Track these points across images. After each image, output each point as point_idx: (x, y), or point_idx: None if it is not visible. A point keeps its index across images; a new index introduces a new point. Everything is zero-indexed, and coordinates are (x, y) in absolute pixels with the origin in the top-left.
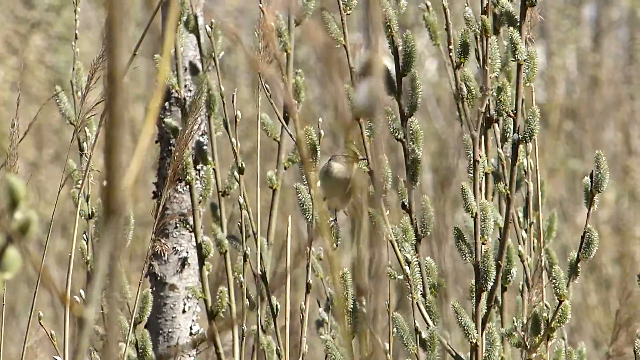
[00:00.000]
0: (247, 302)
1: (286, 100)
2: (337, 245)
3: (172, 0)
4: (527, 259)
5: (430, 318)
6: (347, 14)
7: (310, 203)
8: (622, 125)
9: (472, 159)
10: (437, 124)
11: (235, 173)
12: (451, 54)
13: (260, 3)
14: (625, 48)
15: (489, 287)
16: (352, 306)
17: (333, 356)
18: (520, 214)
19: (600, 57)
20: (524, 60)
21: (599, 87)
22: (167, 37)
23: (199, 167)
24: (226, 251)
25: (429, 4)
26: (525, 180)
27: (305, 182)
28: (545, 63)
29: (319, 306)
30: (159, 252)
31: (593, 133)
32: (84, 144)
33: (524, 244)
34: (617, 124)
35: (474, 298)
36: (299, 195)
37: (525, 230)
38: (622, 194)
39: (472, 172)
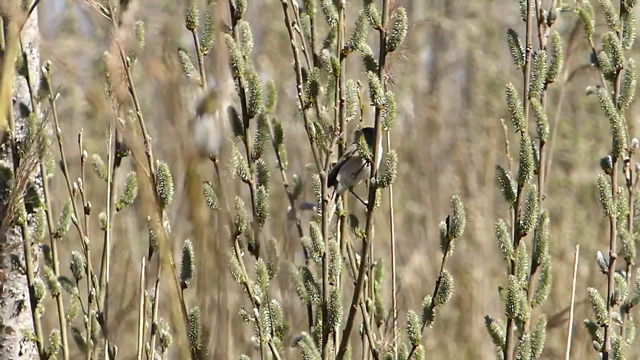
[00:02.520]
0: (79, 344)
1: (126, 139)
2: (184, 285)
3: (10, 40)
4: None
5: None
6: (204, 55)
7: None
8: (459, 168)
9: (320, 199)
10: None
11: (72, 215)
12: (300, 93)
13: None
14: (462, 91)
15: (336, 328)
16: (198, 347)
17: None
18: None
19: (437, 100)
20: (383, 105)
21: (436, 130)
22: (5, 79)
23: (35, 209)
24: (58, 293)
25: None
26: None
27: (148, 222)
28: None
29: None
30: None
31: (430, 176)
32: None
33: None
34: (455, 166)
35: (321, 339)
36: (151, 232)
37: (367, 274)
38: (459, 236)
39: (320, 212)
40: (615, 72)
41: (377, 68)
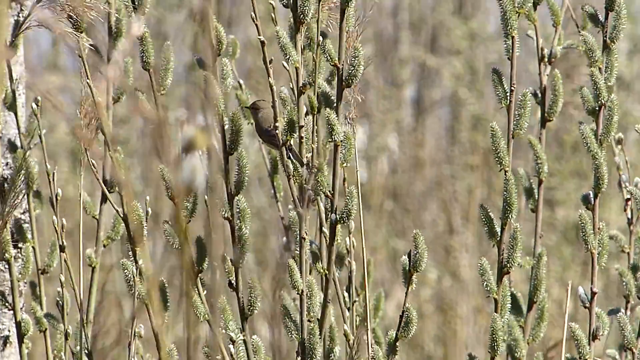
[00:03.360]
0: None
1: (114, 176)
2: (165, 321)
3: None
4: (352, 338)
5: None
6: (161, 94)
7: (138, 278)
8: (444, 205)
9: (298, 236)
10: (258, 202)
11: (57, 251)
12: (277, 131)
13: (87, 79)
14: (447, 128)
15: None
16: None
17: None
18: (346, 293)
19: (422, 137)
20: (341, 141)
21: (420, 167)
22: None
23: (20, 245)
24: (46, 329)
25: (241, 82)
26: (348, 259)
27: (132, 258)
28: (367, 144)
29: None
30: None
31: (415, 213)
32: None
33: (348, 322)
34: (439, 203)
35: None
36: (125, 271)
37: (348, 309)
38: (444, 273)
39: (298, 249)
40: (597, 109)
41: (335, 104)
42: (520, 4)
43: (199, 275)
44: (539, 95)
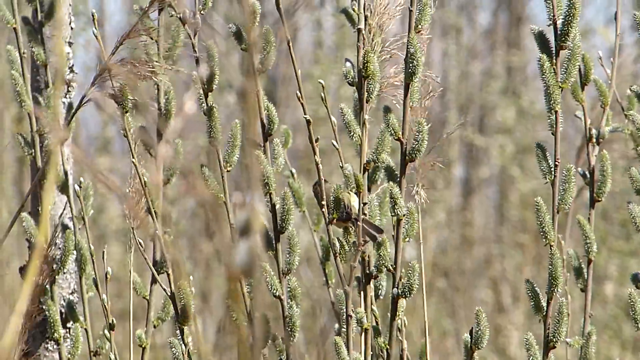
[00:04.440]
0: None
1: (167, 255)
2: None
3: (51, 159)
4: None
5: None
6: (228, 171)
7: (187, 357)
8: (493, 283)
9: (345, 314)
10: (307, 282)
11: (106, 331)
12: (323, 209)
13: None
14: (496, 207)
15: None
16: None
17: None
18: None
19: (471, 216)
20: (404, 215)
21: (469, 245)
22: (44, 197)
23: (69, 325)
24: None
25: (293, 170)
26: (399, 337)
27: (179, 337)
28: None
29: None
30: None
31: (465, 291)
32: None
33: None
34: (489, 282)
35: None
36: (173, 349)
37: None
38: (493, 352)
39: (345, 327)
40: None
41: (398, 179)
42: (564, 78)
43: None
44: (588, 175)
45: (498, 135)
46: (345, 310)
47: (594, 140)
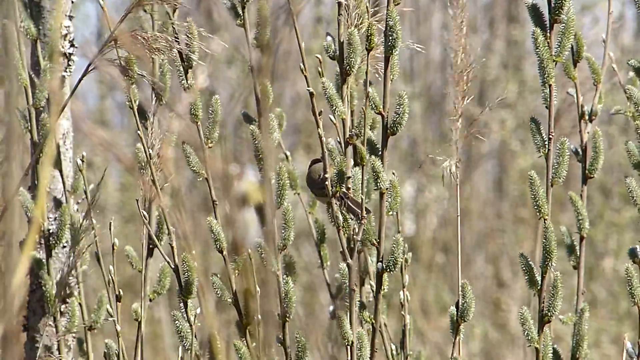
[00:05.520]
0: None
1: (182, 229)
2: None
3: (49, 134)
4: None
5: None
6: (209, 147)
7: (189, 330)
8: (493, 258)
9: (348, 288)
10: (307, 257)
11: (107, 306)
12: (327, 182)
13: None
14: (495, 181)
15: None
16: None
17: None
18: (396, 347)
19: (471, 191)
20: (387, 189)
21: (469, 220)
22: (41, 171)
23: (68, 300)
24: None
25: (288, 153)
26: (402, 312)
27: (183, 310)
28: (415, 197)
29: None
30: None
31: (464, 266)
32: None
33: None
34: (488, 256)
35: None
36: (176, 322)
37: None
38: (492, 326)
39: (348, 301)
40: None
41: (380, 152)
42: (558, 52)
43: (247, 329)
44: (580, 152)
45: (498, 109)
46: (348, 284)
47: (586, 117)
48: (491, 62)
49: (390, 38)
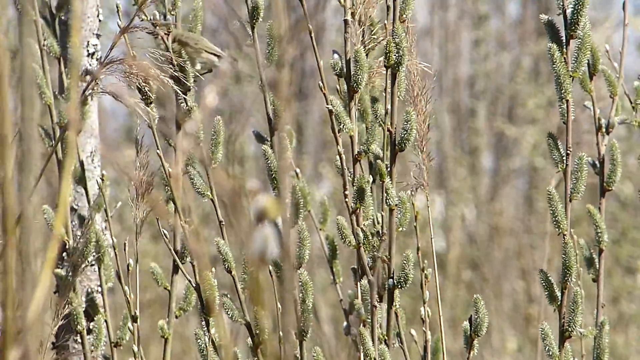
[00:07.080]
0: None
1: (191, 246)
2: None
3: (69, 149)
4: None
5: None
6: (212, 168)
7: (212, 349)
8: (523, 274)
9: (370, 304)
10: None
11: (129, 323)
12: (347, 199)
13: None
14: (525, 197)
15: None
16: None
17: None
18: None
19: (500, 207)
20: (396, 205)
21: (499, 236)
22: (62, 188)
23: (96, 318)
24: None
25: (298, 170)
26: (423, 329)
27: (205, 327)
28: (444, 213)
29: None
30: None
31: (494, 282)
32: None
33: None
34: (518, 273)
35: None
36: (198, 341)
37: None
38: (524, 343)
39: (370, 318)
40: None
41: (389, 169)
42: (574, 68)
43: (258, 347)
44: (597, 165)
45: (527, 125)
46: (370, 300)
47: (604, 129)
48: (520, 77)
49: (397, 55)
